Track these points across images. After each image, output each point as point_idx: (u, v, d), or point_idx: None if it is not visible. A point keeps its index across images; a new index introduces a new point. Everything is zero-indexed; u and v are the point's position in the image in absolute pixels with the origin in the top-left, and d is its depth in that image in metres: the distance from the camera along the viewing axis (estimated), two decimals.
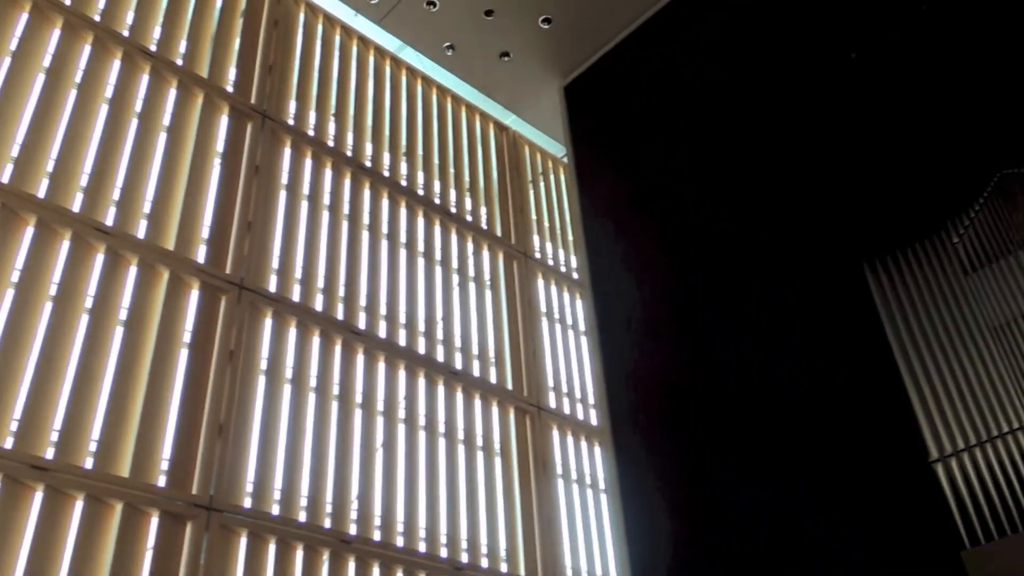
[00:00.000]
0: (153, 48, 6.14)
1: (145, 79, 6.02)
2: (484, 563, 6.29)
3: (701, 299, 7.15)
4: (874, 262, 8.33)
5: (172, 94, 6.15)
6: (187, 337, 5.41)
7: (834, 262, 8.72)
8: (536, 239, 8.54)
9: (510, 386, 7.33)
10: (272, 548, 5.15)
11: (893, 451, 7.76)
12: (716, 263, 7.52)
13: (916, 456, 7.63)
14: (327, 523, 5.47)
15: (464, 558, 6.17)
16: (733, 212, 8.11)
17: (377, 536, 5.70)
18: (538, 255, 8.42)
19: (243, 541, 5.06)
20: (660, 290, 6.98)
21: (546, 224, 8.84)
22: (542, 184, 9.10)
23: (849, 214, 7.94)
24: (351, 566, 5.46)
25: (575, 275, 8.64)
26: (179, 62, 6.28)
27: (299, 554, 5.26)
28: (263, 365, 5.69)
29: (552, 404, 7.59)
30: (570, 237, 8.87)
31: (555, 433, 7.49)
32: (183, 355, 5.33)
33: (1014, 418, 6.98)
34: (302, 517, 5.36)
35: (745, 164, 8.40)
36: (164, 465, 4.95)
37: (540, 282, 8.29)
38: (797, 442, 6.94)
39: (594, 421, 7.81)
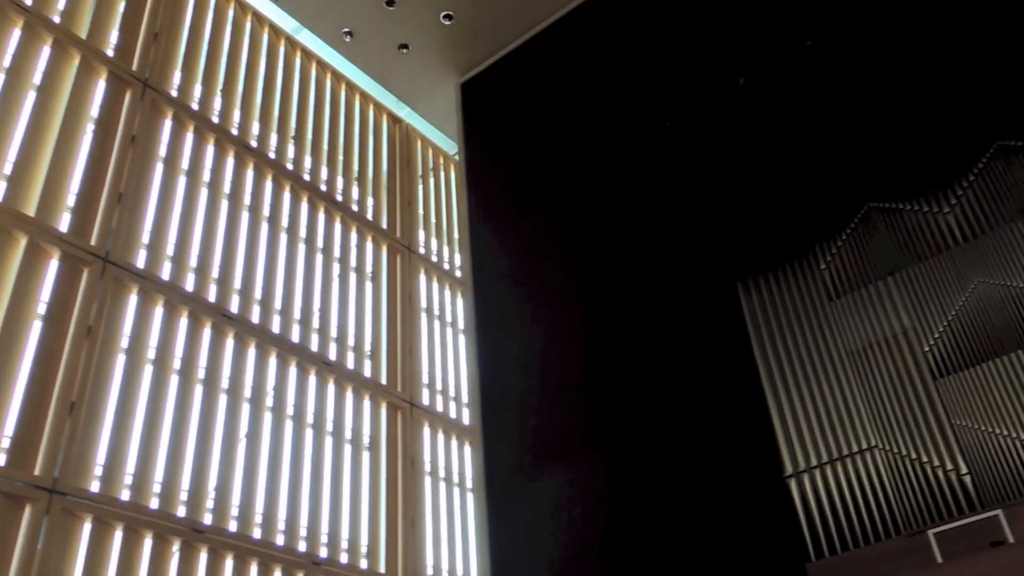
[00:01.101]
0: (28, 2, 5.79)
1: (16, 34, 5.67)
2: (344, 559, 6.20)
3: (583, 303, 7.26)
4: (747, 281, 8.67)
5: (45, 52, 5.81)
6: (42, 309, 5.12)
7: (713, 279, 9.02)
8: (422, 234, 8.50)
9: (384, 380, 7.25)
10: (119, 535, 4.93)
11: (751, 465, 8.08)
12: (598, 269, 7.66)
13: (772, 471, 7.98)
14: (180, 511, 5.28)
15: (323, 553, 6.07)
16: (619, 220, 8.28)
17: (233, 527, 5.53)
18: (423, 250, 8.38)
19: (87, 527, 4.82)
20: (541, 293, 7.04)
21: (433, 220, 8.80)
22: (432, 180, 9.06)
23: (726, 232, 8.20)
24: (203, 557, 5.29)
25: (458, 273, 8.63)
26: (56, 19, 5.94)
27: (148, 542, 5.05)
28: (124, 343, 5.44)
29: (425, 401, 7.56)
30: (456, 235, 8.86)
31: (426, 430, 7.46)
32: (36, 327, 5.04)
33: (864, 439, 7.38)
34: (154, 504, 5.16)
35: (633, 177, 8.59)
36: (5, 443, 4.66)
37: (422, 277, 8.25)
38: (666, 452, 7.13)
39: (466, 420, 7.82)
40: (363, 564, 6.34)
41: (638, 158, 8.34)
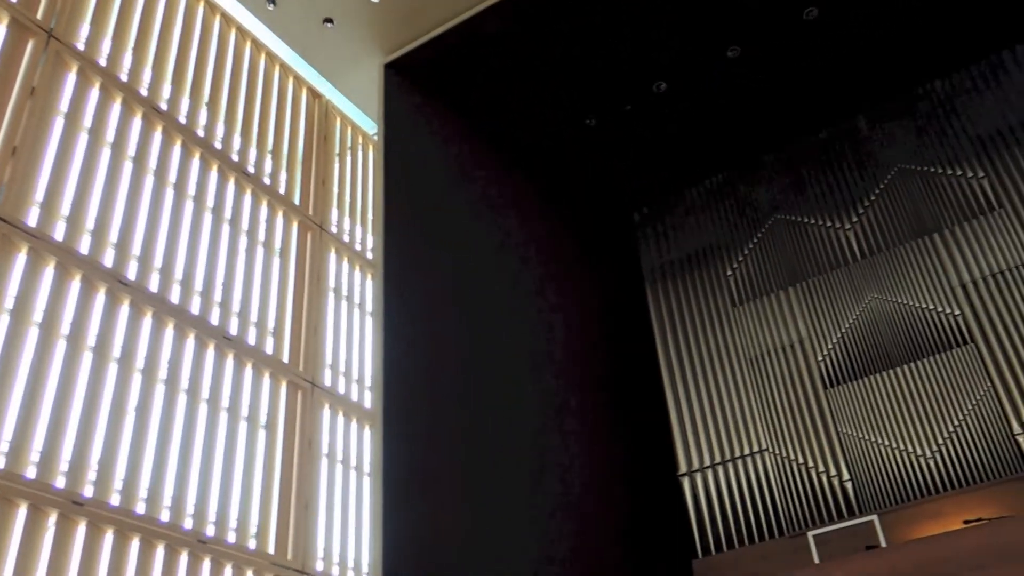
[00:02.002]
0: None
1: None
2: (231, 538, 6.06)
3: (493, 294, 7.27)
4: (655, 280, 8.84)
5: None
6: None
7: (624, 276, 9.17)
8: (335, 213, 8.35)
9: (286, 359, 7.11)
10: None
11: (649, 463, 8.25)
12: (512, 262, 7.68)
13: (667, 469, 8.16)
14: (59, 482, 5.07)
15: (210, 531, 5.92)
16: (534, 213, 8.32)
17: (116, 501, 5.34)
18: (334, 229, 8.24)
19: None
20: (452, 283, 7.02)
21: (347, 199, 8.66)
22: (349, 159, 8.91)
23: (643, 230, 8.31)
24: (81, 530, 5.08)
25: (370, 255, 8.52)
26: None
27: (22, 512, 4.83)
28: (9, 304, 5.18)
29: (327, 382, 7.45)
30: (370, 216, 8.75)
31: (326, 411, 7.35)
32: None
33: (756, 442, 7.62)
34: (31, 473, 4.93)
35: (553, 165, 8.64)
36: None
37: (333, 257, 8.11)
38: (566, 448, 7.21)
39: (368, 403, 7.75)
40: (251, 545, 6.21)
41: (566, 147, 8.40)
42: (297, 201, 7.90)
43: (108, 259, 5.88)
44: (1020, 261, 7.03)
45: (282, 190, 7.77)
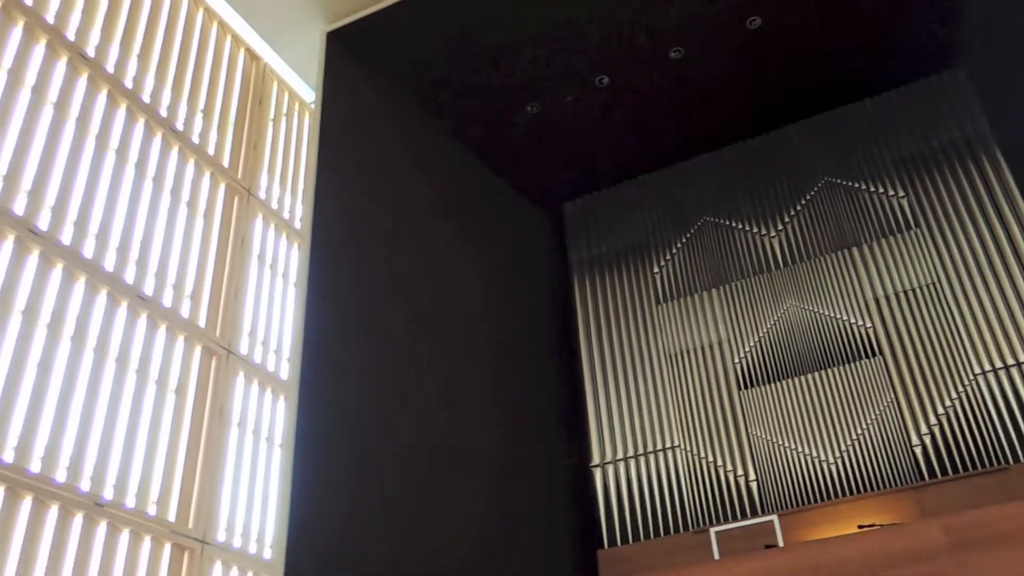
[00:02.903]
0: None
1: None
2: (130, 503, 5.90)
3: (421, 274, 7.21)
4: (582, 273, 8.89)
5: None
6: None
7: (552, 265, 9.20)
8: (265, 178, 8.18)
9: (202, 324, 6.95)
10: None
11: (563, 453, 8.31)
12: (443, 243, 7.63)
13: (580, 460, 8.25)
14: None
15: (109, 494, 5.75)
16: (470, 195, 8.27)
17: (9, 458, 5.14)
18: (263, 195, 8.07)
19: None
20: (380, 259, 6.93)
21: (279, 166, 8.48)
22: (284, 125, 8.73)
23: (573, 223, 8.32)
24: None
25: (298, 224, 8.38)
26: None
27: None
28: None
29: (244, 350, 7.30)
30: (301, 185, 8.59)
31: (240, 379, 7.21)
32: None
33: (669, 438, 7.75)
34: None
35: (492, 148, 8.60)
36: None
37: (259, 223, 7.95)
38: (481, 431, 7.20)
39: (284, 374, 7.62)
40: (151, 511, 6.06)
41: (506, 132, 8.36)
42: (226, 163, 7.71)
43: (19, 207, 5.64)
44: (931, 280, 7.28)
45: (211, 151, 7.57)
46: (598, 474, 7.91)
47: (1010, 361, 6.70)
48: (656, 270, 8.62)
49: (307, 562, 4.99)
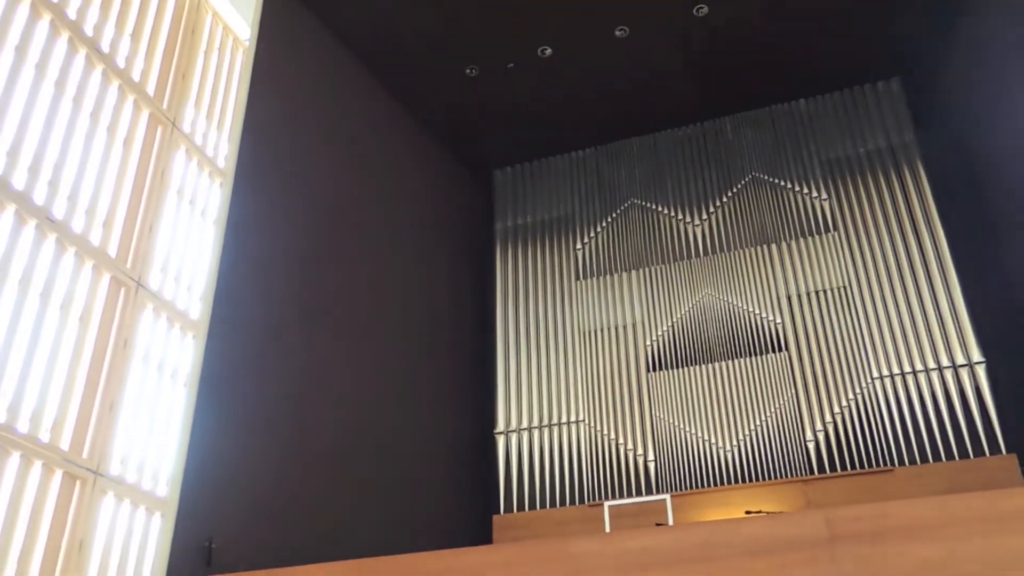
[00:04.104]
0: None
1: None
2: (23, 428, 5.73)
3: (343, 226, 7.12)
4: (506, 241, 8.92)
5: None
6: None
7: (477, 231, 9.20)
8: (191, 112, 7.93)
9: (113, 253, 6.74)
10: None
11: (469, 418, 8.38)
12: (369, 198, 7.54)
13: (485, 426, 8.33)
14: None
15: (1, 418, 5.57)
16: (401, 152, 8.18)
17: None
18: (187, 128, 7.83)
19: None
20: (303, 206, 6.82)
21: (206, 101, 8.24)
22: (215, 58, 8.46)
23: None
24: None
25: (221, 162, 8.17)
26: None
27: None
28: None
29: (154, 284, 7.12)
30: (228, 122, 8.37)
31: (149, 313, 7.03)
32: None
33: (574, 412, 7.88)
34: None
35: (428, 107, 8.51)
36: None
37: (182, 156, 7.72)
38: (387, 388, 7.19)
39: (195, 313, 7.47)
40: (44, 438, 5.89)
41: (443, 92, 8.27)
42: (152, 92, 7.45)
43: None
44: (842, 283, 7.54)
45: (136, 76, 7.30)
46: (501, 441, 8.00)
47: (907, 368, 6.99)
48: (579, 247, 8.70)
49: (201, 502, 4.94)
